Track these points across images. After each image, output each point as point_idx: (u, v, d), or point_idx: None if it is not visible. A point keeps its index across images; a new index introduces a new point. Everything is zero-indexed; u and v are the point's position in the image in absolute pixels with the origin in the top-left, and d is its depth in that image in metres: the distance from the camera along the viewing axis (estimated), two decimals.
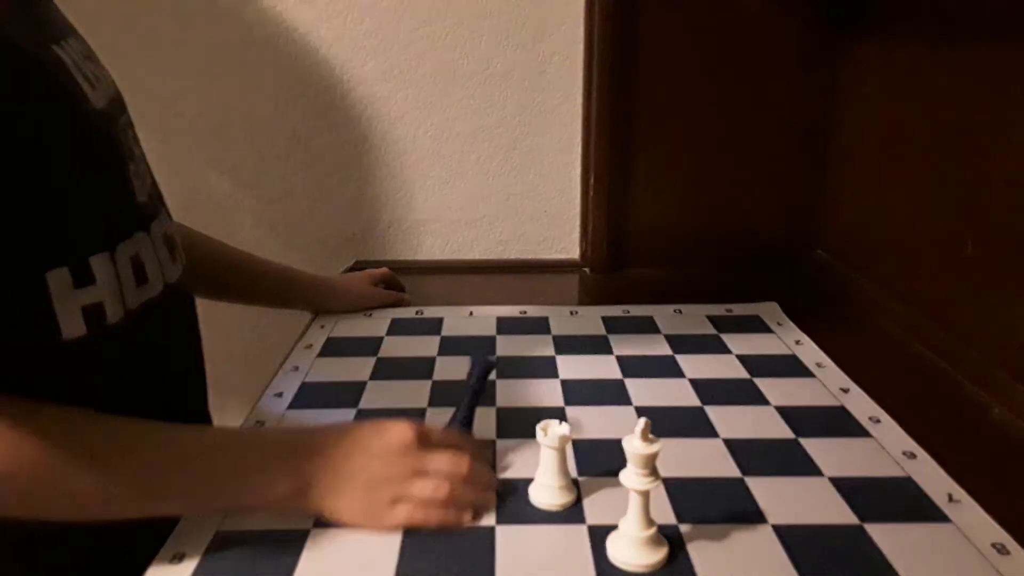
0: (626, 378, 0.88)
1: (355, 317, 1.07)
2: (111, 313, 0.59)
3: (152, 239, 0.66)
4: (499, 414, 0.81)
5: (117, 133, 0.65)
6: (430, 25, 1.25)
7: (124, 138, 0.66)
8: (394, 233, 1.35)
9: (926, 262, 1.00)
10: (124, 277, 0.61)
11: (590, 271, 1.32)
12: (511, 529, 0.63)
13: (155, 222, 0.67)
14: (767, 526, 0.62)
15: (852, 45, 1.18)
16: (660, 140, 1.26)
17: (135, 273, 0.62)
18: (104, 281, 0.58)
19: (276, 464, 0.62)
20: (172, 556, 0.60)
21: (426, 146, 1.32)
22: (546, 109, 1.30)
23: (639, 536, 0.58)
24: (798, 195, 1.30)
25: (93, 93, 0.62)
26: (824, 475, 0.69)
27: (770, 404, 0.82)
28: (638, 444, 0.57)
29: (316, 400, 0.85)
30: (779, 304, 1.10)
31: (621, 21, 1.19)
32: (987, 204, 0.88)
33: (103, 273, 0.58)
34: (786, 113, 1.26)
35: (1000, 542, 0.60)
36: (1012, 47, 0.83)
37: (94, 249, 0.58)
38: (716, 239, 1.31)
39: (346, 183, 1.33)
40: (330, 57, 1.27)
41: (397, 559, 0.59)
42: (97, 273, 0.58)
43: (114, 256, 0.60)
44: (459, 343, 0.99)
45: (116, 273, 0.60)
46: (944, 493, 0.67)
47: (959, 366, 0.90)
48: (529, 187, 1.34)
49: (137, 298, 0.63)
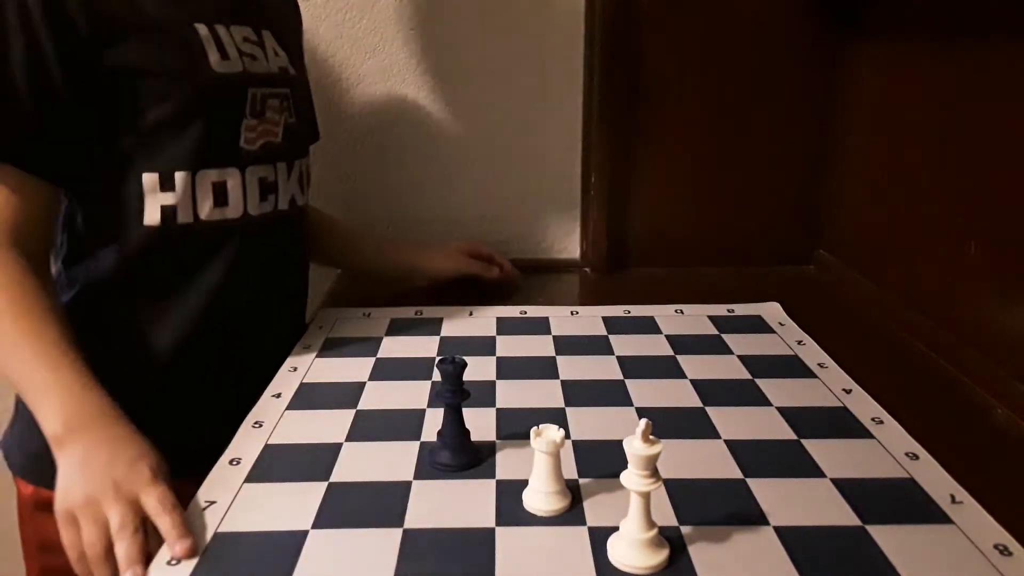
0: (627, 379, 0.88)
1: (354, 317, 1.07)
2: (182, 215, 0.82)
3: (245, 177, 0.86)
4: (499, 415, 0.80)
5: (237, 94, 0.84)
6: (430, 24, 1.25)
7: (251, 101, 0.86)
8: (394, 233, 1.34)
9: (928, 262, 1.00)
10: (200, 194, 0.83)
11: (591, 271, 1.32)
12: (511, 531, 0.62)
13: (254, 167, 0.87)
14: (769, 527, 0.62)
15: (853, 45, 1.18)
16: (661, 140, 1.26)
17: (215, 195, 0.83)
18: (181, 191, 0.81)
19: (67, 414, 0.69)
20: (171, 557, 0.60)
21: (426, 146, 1.31)
22: (546, 109, 1.30)
23: (640, 538, 0.58)
24: (800, 195, 1.29)
25: (222, 62, 0.83)
26: (826, 476, 0.69)
27: (772, 405, 0.82)
28: (639, 445, 0.56)
29: (315, 400, 0.84)
30: (781, 304, 1.10)
31: (621, 21, 1.19)
32: (989, 204, 0.88)
33: (182, 185, 0.81)
34: (788, 113, 1.25)
35: (1003, 543, 0.60)
36: (1013, 47, 0.83)
37: (180, 167, 0.81)
38: (717, 239, 1.31)
39: (345, 183, 1.33)
40: (329, 55, 1.26)
41: (397, 559, 0.59)
42: (178, 184, 0.81)
43: (195, 177, 0.82)
44: (459, 343, 0.99)
45: (193, 189, 0.82)
46: (946, 494, 0.66)
47: (962, 367, 0.90)
48: (529, 187, 1.34)
49: (212, 214, 0.84)
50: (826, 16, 1.21)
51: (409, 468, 0.71)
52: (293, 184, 0.94)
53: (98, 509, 0.63)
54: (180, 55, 0.81)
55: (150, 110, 0.79)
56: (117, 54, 0.77)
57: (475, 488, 0.68)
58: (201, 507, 0.66)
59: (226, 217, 0.85)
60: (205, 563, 0.59)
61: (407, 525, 0.63)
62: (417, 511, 0.65)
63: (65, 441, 0.68)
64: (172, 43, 0.80)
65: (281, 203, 0.92)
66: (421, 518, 0.64)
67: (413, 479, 0.70)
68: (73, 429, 0.68)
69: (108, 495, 0.63)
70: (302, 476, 0.70)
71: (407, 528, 0.63)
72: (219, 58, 0.83)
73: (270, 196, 0.90)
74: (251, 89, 0.86)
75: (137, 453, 0.67)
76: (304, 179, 0.98)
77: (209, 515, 0.65)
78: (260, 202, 0.89)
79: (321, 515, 0.65)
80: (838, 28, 1.20)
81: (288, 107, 0.92)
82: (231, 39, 0.85)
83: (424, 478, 0.70)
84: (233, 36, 0.86)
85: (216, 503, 0.66)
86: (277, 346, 0.96)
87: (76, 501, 0.64)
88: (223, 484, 0.69)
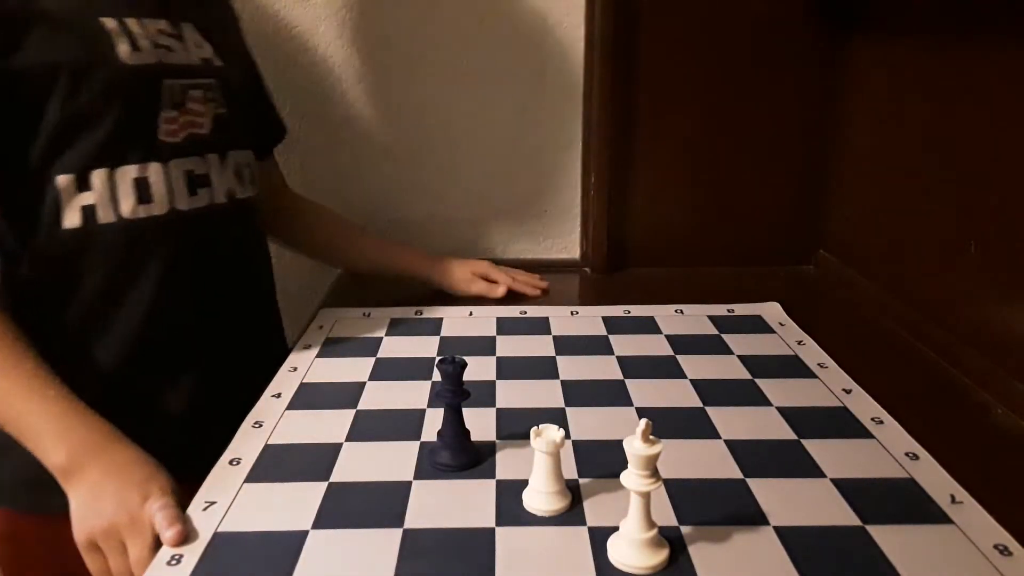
0: (627, 379, 0.88)
1: (354, 317, 1.07)
2: (103, 215, 0.78)
3: (168, 171, 0.82)
4: (499, 414, 0.80)
5: (151, 85, 0.81)
6: (429, 24, 1.25)
7: (168, 91, 0.82)
8: (393, 233, 1.34)
9: (928, 262, 1.00)
10: (122, 192, 0.79)
11: (591, 271, 1.32)
12: (511, 531, 0.62)
13: (178, 160, 0.83)
14: (769, 527, 0.62)
15: (853, 44, 1.18)
16: (661, 140, 1.26)
17: (137, 191, 0.80)
18: (99, 190, 0.78)
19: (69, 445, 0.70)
20: (171, 557, 0.60)
21: (425, 146, 1.31)
22: (546, 109, 1.30)
23: (640, 538, 0.58)
24: (800, 195, 1.29)
25: (133, 53, 0.79)
26: (826, 476, 0.69)
27: (772, 405, 0.82)
28: (639, 445, 0.56)
29: (315, 400, 0.84)
30: (781, 304, 1.10)
31: (622, 21, 1.19)
32: (989, 204, 0.88)
33: (100, 184, 0.78)
34: (788, 112, 1.25)
35: (1002, 543, 0.60)
36: (1013, 47, 0.83)
37: (95, 165, 0.77)
38: (717, 239, 1.31)
39: (344, 183, 1.33)
40: (329, 56, 1.26)
41: (397, 559, 0.59)
42: (95, 183, 0.77)
43: (113, 173, 0.78)
44: (459, 343, 0.99)
45: (112, 186, 0.78)
46: (946, 494, 0.66)
47: (962, 367, 0.90)
48: (529, 187, 1.34)
49: (136, 211, 0.80)
50: (826, 16, 1.20)
51: (409, 468, 0.71)
52: (229, 177, 0.90)
53: (120, 538, 0.66)
54: (86, 49, 0.77)
55: (59, 108, 0.76)
56: (19, 56, 0.74)
57: (475, 488, 0.68)
58: (201, 507, 0.66)
59: (152, 214, 0.81)
60: (205, 563, 0.59)
61: (407, 525, 0.63)
62: (417, 511, 0.65)
63: (73, 471, 0.69)
64: (76, 37, 0.77)
65: (217, 197, 0.88)
66: (421, 518, 0.64)
67: (413, 479, 0.70)
68: (78, 459, 0.69)
69: (126, 525, 0.65)
70: (302, 476, 0.70)
71: (407, 528, 0.63)
72: (130, 50, 0.79)
73: (201, 190, 0.86)
74: (167, 80, 0.83)
75: (146, 475, 0.68)
76: (246, 172, 0.94)
77: (209, 515, 0.65)
78: (190, 196, 0.85)
79: (321, 515, 0.65)
80: (838, 28, 1.20)
81: (215, 98, 0.89)
82: (143, 31, 0.82)
83: (424, 478, 0.70)
84: (146, 29, 0.82)
85: (216, 503, 0.66)
86: (245, 344, 0.93)
87: (97, 532, 0.66)
88: (223, 484, 0.69)
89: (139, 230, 0.80)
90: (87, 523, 0.67)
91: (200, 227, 0.86)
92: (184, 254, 0.85)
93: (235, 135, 0.92)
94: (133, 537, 0.65)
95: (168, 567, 0.59)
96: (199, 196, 0.86)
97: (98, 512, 0.67)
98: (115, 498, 0.66)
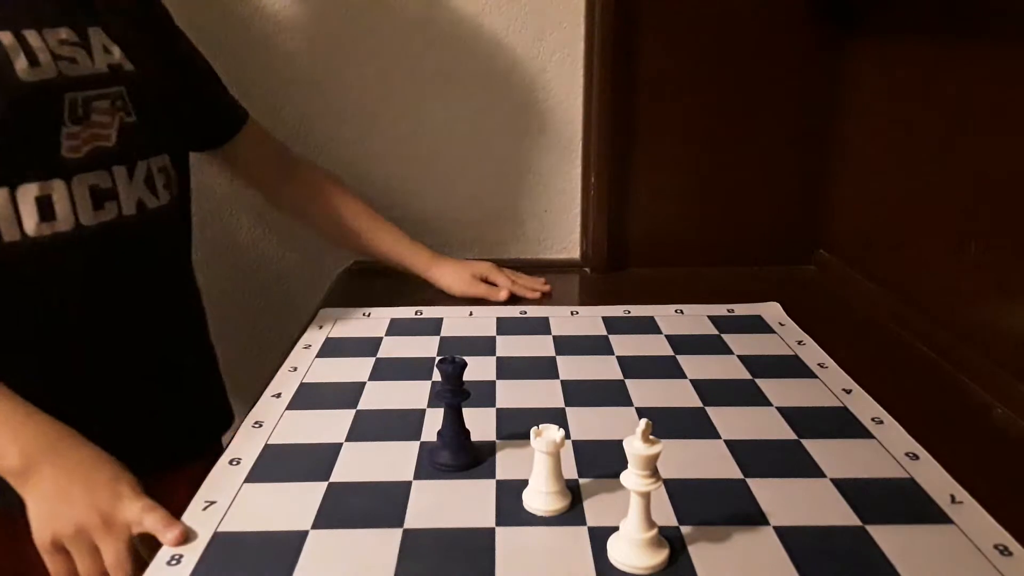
0: (627, 379, 0.88)
1: (354, 317, 1.07)
2: (7, 234, 0.77)
3: (71, 187, 0.80)
4: (499, 415, 0.80)
5: (51, 101, 0.78)
6: (430, 24, 1.25)
7: (70, 106, 0.79)
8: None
9: (928, 262, 1.00)
10: (24, 211, 0.77)
11: (590, 271, 1.32)
12: (511, 531, 0.62)
13: (82, 175, 0.81)
14: (769, 528, 0.62)
15: (854, 44, 1.18)
16: (661, 139, 1.26)
17: (40, 209, 0.78)
18: (1, 210, 0.76)
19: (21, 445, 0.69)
20: (170, 558, 0.60)
21: (426, 146, 1.31)
22: (546, 109, 1.30)
23: (640, 538, 0.58)
24: (800, 194, 1.29)
25: (31, 69, 0.76)
26: (826, 476, 0.69)
27: (772, 405, 0.82)
28: (639, 445, 0.56)
29: (315, 400, 0.84)
30: (781, 304, 1.10)
31: (622, 20, 1.19)
32: (989, 204, 0.88)
33: (1, 204, 0.76)
34: (787, 112, 1.25)
35: (1003, 543, 0.60)
36: (1013, 47, 0.83)
37: None
38: (717, 239, 1.31)
39: (345, 182, 1.32)
40: (328, 56, 1.26)
41: (397, 559, 0.59)
42: None
43: (14, 192, 0.76)
44: (459, 343, 0.99)
45: (14, 205, 0.76)
46: (947, 494, 0.66)
47: (962, 367, 0.90)
48: (529, 187, 1.34)
49: (40, 229, 0.78)
50: (826, 16, 1.20)
51: (409, 468, 0.71)
52: (138, 187, 0.87)
53: (90, 540, 0.65)
54: None
55: None
56: None
57: (475, 488, 0.68)
58: (201, 507, 0.66)
59: (56, 231, 0.79)
60: (205, 563, 0.59)
61: (407, 525, 0.63)
62: (417, 511, 0.65)
63: (29, 472, 0.68)
64: None
65: (125, 209, 0.85)
66: (421, 518, 0.64)
67: (413, 479, 0.70)
68: (34, 459, 0.68)
69: (98, 526, 0.64)
70: (302, 476, 0.70)
71: (407, 528, 0.63)
72: (27, 65, 0.76)
73: (107, 203, 0.83)
74: (68, 94, 0.80)
75: (112, 474, 0.67)
76: (157, 179, 0.90)
77: (209, 515, 0.65)
78: (95, 211, 0.82)
79: (321, 515, 0.65)
80: (838, 28, 1.20)
81: (124, 106, 0.85)
82: (43, 44, 0.79)
83: (424, 478, 0.70)
84: (47, 40, 0.79)
85: (216, 503, 0.66)
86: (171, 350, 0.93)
87: (64, 533, 0.65)
88: (223, 484, 0.69)
89: (44, 248, 0.79)
90: (51, 525, 0.65)
91: (109, 240, 0.84)
92: (95, 268, 0.83)
93: (144, 143, 0.88)
94: (107, 538, 0.64)
95: (168, 567, 0.59)
96: (105, 210, 0.83)
97: (63, 514, 0.65)
98: (83, 499, 0.65)
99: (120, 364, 0.87)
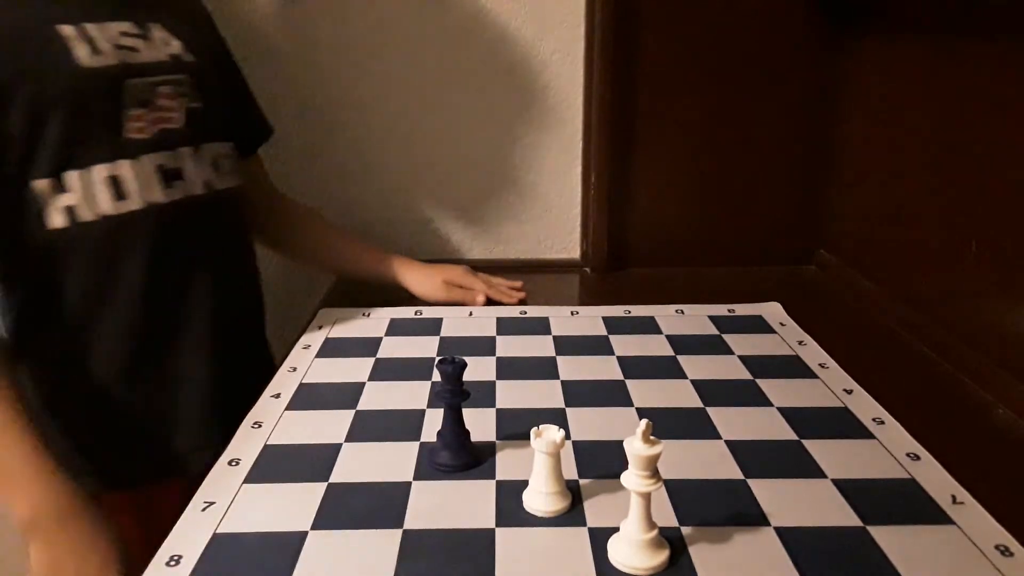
0: (627, 379, 0.88)
1: (354, 317, 1.07)
2: (85, 214, 0.81)
3: (139, 167, 0.84)
4: (499, 415, 0.80)
5: (112, 86, 0.83)
6: (430, 24, 1.25)
7: (131, 90, 0.84)
8: (393, 232, 1.34)
9: (929, 262, 1.00)
10: (97, 190, 0.81)
11: (591, 271, 1.31)
12: (511, 531, 0.62)
13: (149, 155, 0.85)
14: (769, 528, 0.62)
15: (854, 44, 1.18)
16: (661, 139, 1.26)
17: (113, 188, 0.82)
18: (77, 190, 0.81)
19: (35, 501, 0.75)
20: (169, 558, 0.59)
21: (426, 146, 1.31)
22: (546, 109, 1.29)
23: (640, 538, 0.58)
24: (800, 195, 1.29)
25: (93, 56, 0.81)
26: (827, 477, 0.69)
27: (773, 405, 0.82)
28: (639, 446, 0.56)
29: (315, 401, 0.84)
30: (782, 304, 1.10)
31: (622, 20, 1.19)
32: (990, 203, 0.88)
33: (77, 185, 0.81)
34: (788, 112, 1.25)
35: (1004, 544, 0.60)
36: (1013, 47, 0.83)
37: (67, 167, 0.80)
38: (718, 239, 1.31)
39: (345, 182, 1.33)
40: (328, 56, 1.26)
41: (397, 560, 0.59)
42: (71, 184, 0.80)
43: (87, 173, 0.81)
44: (458, 343, 0.99)
45: (88, 186, 0.81)
46: (948, 495, 0.66)
47: (963, 367, 0.90)
48: (529, 187, 1.34)
49: (115, 207, 0.83)
50: (826, 16, 1.20)
51: (409, 468, 0.71)
52: (206, 168, 0.92)
53: None
54: (44, 56, 0.79)
55: (24, 116, 0.78)
56: None
57: (475, 488, 0.68)
58: (201, 507, 0.66)
59: (130, 209, 0.84)
60: (204, 563, 0.59)
61: (407, 525, 0.63)
62: (417, 512, 0.65)
63: (36, 533, 0.74)
64: (34, 46, 0.79)
65: (193, 188, 0.90)
66: (421, 518, 0.64)
67: (413, 479, 0.70)
68: (41, 521, 0.74)
69: None
70: (302, 476, 0.70)
71: (407, 528, 0.63)
72: (89, 53, 0.81)
73: (176, 182, 0.88)
74: (130, 80, 0.84)
75: (101, 560, 0.74)
76: (224, 163, 0.95)
77: (209, 515, 0.64)
78: (165, 189, 0.87)
79: (321, 515, 0.64)
80: (838, 27, 1.20)
81: (188, 92, 0.90)
82: (103, 35, 0.83)
83: (424, 478, 0.70)
84: (107, 32, 0.84)
85: (216, 503, 0.66)
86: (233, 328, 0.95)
87: None
88: (222, 485, 0.69)
89: (119, 225, 0.83)
90: None
91: (179, 218, 0.88)
92: (166, 244, 0.87)
93: (210, 127, 0.93)
94: None
95: (167, 567, 0.59)
96: (175, 188, 0.88)
97: None
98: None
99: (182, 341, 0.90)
